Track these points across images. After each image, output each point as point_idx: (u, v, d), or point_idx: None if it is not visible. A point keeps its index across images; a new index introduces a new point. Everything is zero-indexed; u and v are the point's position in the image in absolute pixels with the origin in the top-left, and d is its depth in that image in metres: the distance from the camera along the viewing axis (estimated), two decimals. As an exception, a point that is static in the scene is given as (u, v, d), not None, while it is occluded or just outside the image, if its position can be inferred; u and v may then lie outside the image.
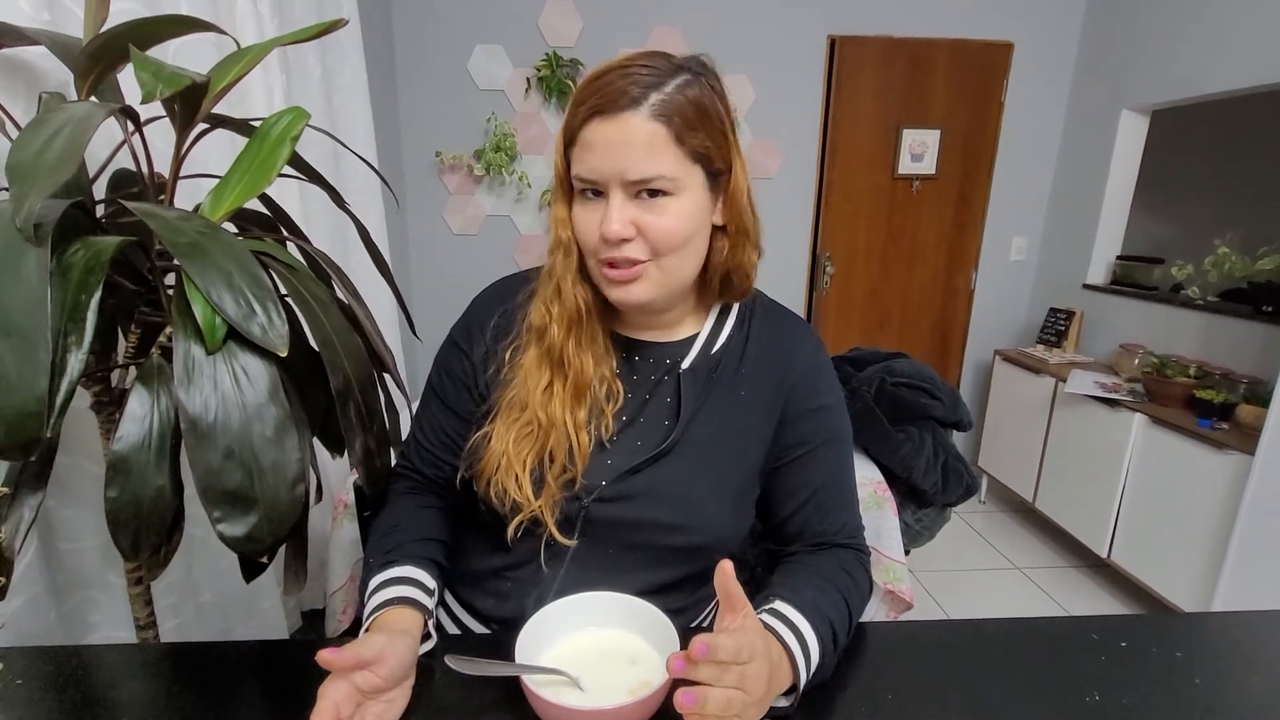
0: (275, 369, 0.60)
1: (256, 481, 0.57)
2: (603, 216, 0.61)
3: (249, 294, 0.58)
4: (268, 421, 0.58)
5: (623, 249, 0.61)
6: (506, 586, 0.71)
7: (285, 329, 0.59)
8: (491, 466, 0.66)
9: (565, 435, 0.65)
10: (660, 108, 0.58)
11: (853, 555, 0.69)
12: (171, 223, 0.59)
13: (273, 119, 0.71)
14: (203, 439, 0.55)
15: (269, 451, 0.58)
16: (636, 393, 0.70)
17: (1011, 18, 2.81)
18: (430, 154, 2.76)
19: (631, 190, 0.60)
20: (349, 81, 1.98)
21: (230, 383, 0.57)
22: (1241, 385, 2.03)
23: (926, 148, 2.86)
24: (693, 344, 0.71)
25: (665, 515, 0.66)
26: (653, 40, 2.71)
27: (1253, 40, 2.14)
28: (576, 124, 0.60)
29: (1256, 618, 0.74)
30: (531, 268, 0.77)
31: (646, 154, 0.58)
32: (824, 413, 0.70)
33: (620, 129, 0.58)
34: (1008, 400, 2.83)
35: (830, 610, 0.60)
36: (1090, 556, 2.44)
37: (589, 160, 0.60)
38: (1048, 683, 0.62)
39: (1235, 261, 2.18)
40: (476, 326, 0.73)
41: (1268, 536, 1.72)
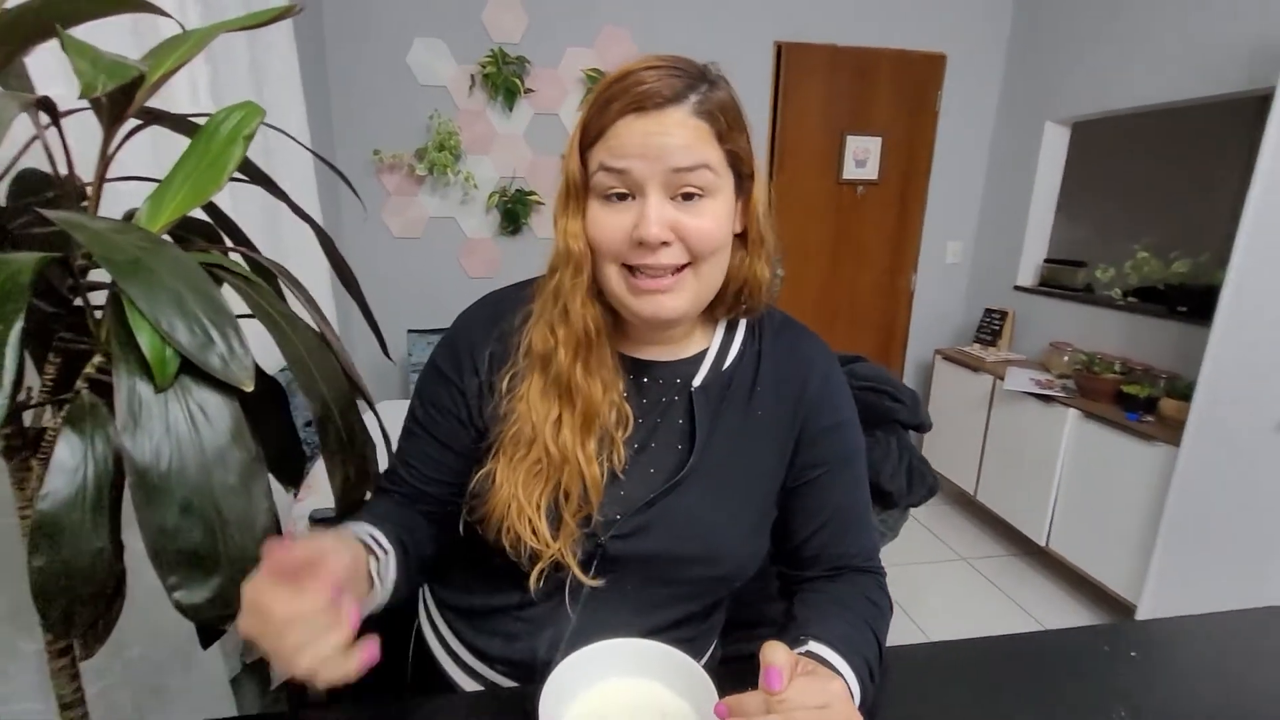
0: (237, 405, 0.52)
1: (220, 538, 0.49)
2: (636, 219, 0.56)
3: (205, 319, 0.50)
4: (231, 467, 0.50)
5: (659, 254, 0.56)
6: (517, 627, 0.65)
7: (249, 359, 0.51)
8: (501, 511, 0.59)
9: (578, 470, 0.60)
10: (703, 104, 0.56)
11: (873, 580, 0.67)
12: (105, 236, 0.50)
13: (221, 115, 0.62)
14: (154, 492, 0.46)
15: (234, 502, 0.50)
16: (647, 417, 0.65)
17: (945, 31, 2.93)
18: (367, 152, 2.60)
19: (672, 188, 0.56)
20: (279, 72, 1.84)
21: (185, 424, 0.48)
22: (1162, 380, 2.18)
23: (869, 154, 2.94)
24: (703, 360, 0.66)
25: (685, 547, 0.62)
26: (600, 41, 2.66)
27: (1162, 59, 2.31)
28: (607, 121, 0.55)
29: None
30: (520, 282, 0.70)
31: (691, 144, 0.55)
32: (841, 430, 0.67)
33: (661, 124, 0.54)
34: (949, 397, 2.94)
35: (864, 647, 0.58)
36: (1029, 545, 2.57)
37: (625, 155, 0.55)
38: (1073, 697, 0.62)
39: (1153, 265, 2.35)
40: (467, 354, 0.66)
41: (1193, 523, 1.85)
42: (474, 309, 0.70)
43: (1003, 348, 2.95)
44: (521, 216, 2.74)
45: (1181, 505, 1.87)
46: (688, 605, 0.66)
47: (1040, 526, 2.43)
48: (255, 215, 1.59)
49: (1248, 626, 0.75)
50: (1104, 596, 2.25)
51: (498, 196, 2.71)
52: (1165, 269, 2.35)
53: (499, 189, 2.72)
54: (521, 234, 2.80)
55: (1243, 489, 1.72)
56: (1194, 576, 1.85)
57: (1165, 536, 1.92)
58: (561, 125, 2.72)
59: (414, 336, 2.64)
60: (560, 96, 2.69)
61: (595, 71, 2.64)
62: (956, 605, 2.29)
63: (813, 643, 0.55)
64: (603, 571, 0.62)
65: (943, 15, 2.91)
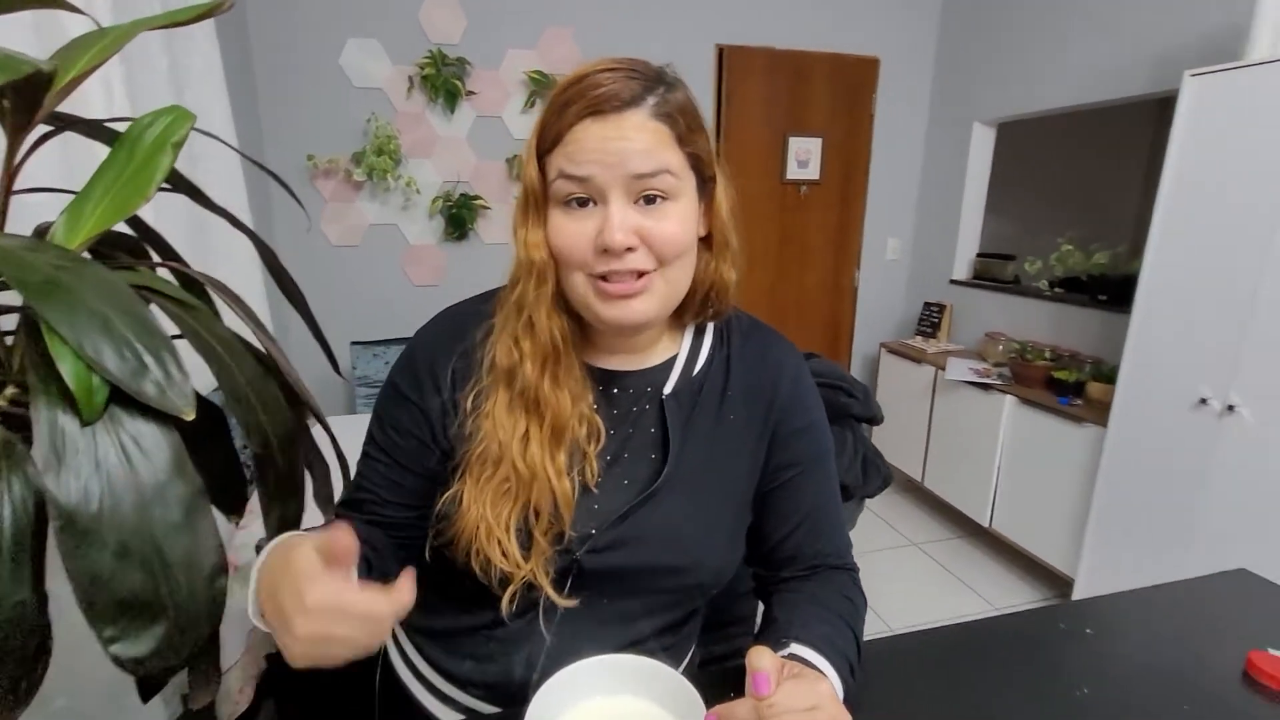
0: (177, 435, 0.47)
1: (163, 582, 0.45)
2: (600, 226, 0.54)
3: (135, 342, 0.46)
4: (173, 503, 0.46)
5: (626, 260, 0.55)
6: (490, 648, 0.63)
7: (188, 385, 0.47)
8: (469, 533, 0.57)
9: (548, 486, 0.58)
10: (662, 106, 0.54)
11: (848, 577, 0.67)
12: (14, 254, 0.45)
13: (145, 121, 0.58)
14: (84, 537, 0.42)
15: (177, 541, 0.46)
16: (618, 427, 0.64)
17: (877, 35, 3.03)
18: (300, 157, 2.48)
19: (633, 193, 0.55)
20: (202, 73, 1.73)
21: (118, 459, 0.44)
22: (1088, 365, 2.32)
23: (811, 154, 3.01)
24: (672, 367, 0.65)
25: (662, 558, 0.61)
26: (542, 42, 2.63)
27: (1076, 65, 2.46)
28: (564, 125, 0.54)
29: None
30: (479, 295, 0.68)
31: (651, 151, 0.54)
32: (812, 430, 0.67)
33: (620, 127, 0.53)
34: (894, 389, 3.05)
35: (845, 645, 0.58)
36: (974, 527, 2.69)
37: (584, 161, 0.53)
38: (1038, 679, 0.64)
39: (1075, 257, 2.49)
40: (427, 373, 0.63)
41: (1121, 497, 1.97)
42: (432, 326, 0.67)
43: (942, 339, 3.08)
44: (467, 222, 2.67)
45: (1111, 482, 2.00)
46: (665, 615, 0.65)
47: (983, 509, 2.54)
48: (179, 226, 1.49)
49: (1193, 594, 0.80)
50: (1044, 572, 2.38)
51: (441, 201, 2.64)
52: (1087, 260, 2.50)
53: (442, 194, 2.65)
54: (468, 240, 2.74)
55: (1165, 464, 1.84)
56: (1125, 548, 1.97)
57: (1097, 512, 2.04)
58: (505, 128, 2.67)
59: (358, 349, 2.54)
60: (503, 99, 2.64)
61: (538, 74, 2.61)
62: (910, 590, 2.37)
63: (795, 645, 0.55)
64: (578, 586, 0.60)
65: (874, 20, 3.01)
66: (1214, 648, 0.69)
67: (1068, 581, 2.20)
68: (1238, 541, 1.67)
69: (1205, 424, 1.72)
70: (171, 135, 0.58)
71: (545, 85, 2.62)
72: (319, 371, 2.51)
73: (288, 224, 2.52)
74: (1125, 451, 1.95)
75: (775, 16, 2.87)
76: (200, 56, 1.71)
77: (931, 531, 2.79)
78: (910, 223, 3.36)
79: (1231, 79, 1.65)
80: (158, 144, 0.57)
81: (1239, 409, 1.64)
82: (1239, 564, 0.96)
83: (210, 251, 1.69)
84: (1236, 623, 0.74)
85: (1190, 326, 1.76)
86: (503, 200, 2.74)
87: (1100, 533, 2.04)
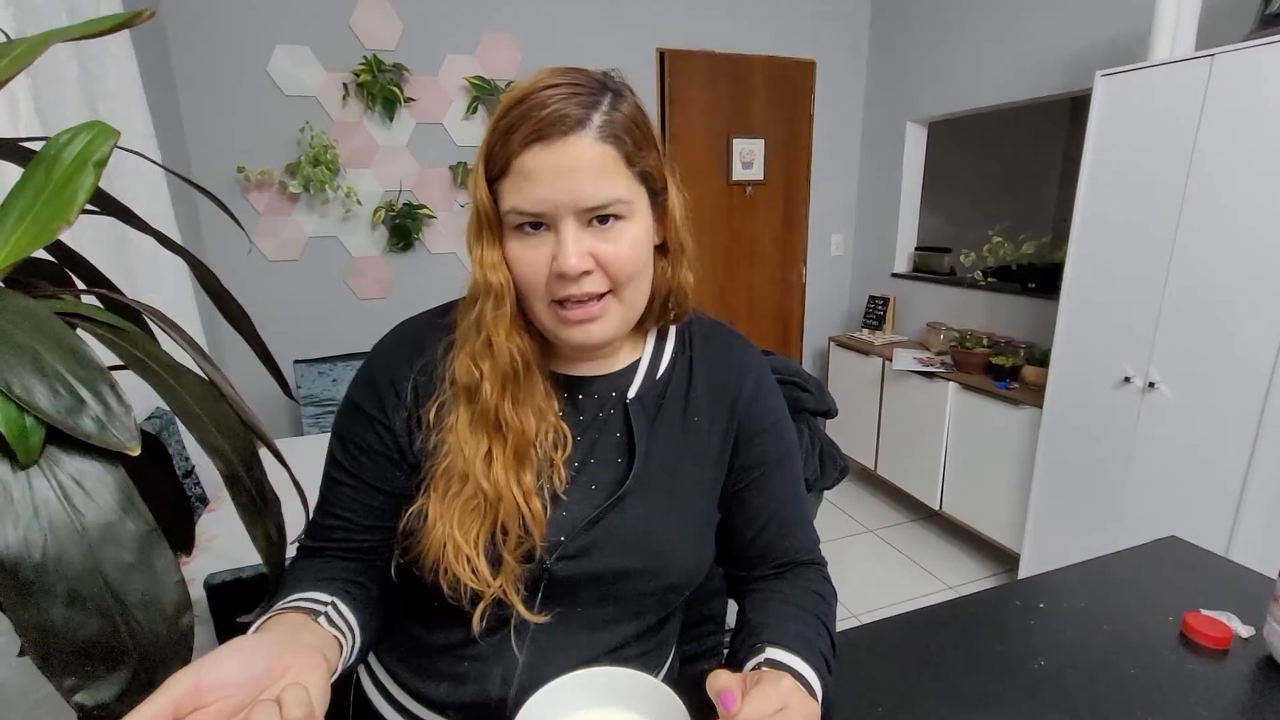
0: (123, 471, 0.45)
1: (122, 625, 0.42)
2: (553, 251, 0.54)
3: (70, 378, 0.43)
4: (125, 543, 0.43)
5: (582, 284, 0.55)
6: (464, 667, 0.61)
7: (131, 418, 0.44)
8: (436, 551, 0.56)
9: (514, 506, 0.57)
10: (607, 128, 0.53)
11: (817, 572, 0.69)
12: (-75, 287, 0.42)
13: (63, 138, 0.54)
14: (29, 589, 0.39)
15: (135, 581, 0.43)
16: (585, 434, 0.64)
17: (812, 38, 3.12)
18: (229, 170, 2.37)
19: (584, 218, 0.54)
20: (117, 85, 1.63)
21: (60, 503, 0.41)
22: (1022, 349, 2.45)
23: (754, 155, 3.08)
24: (635, 371, 0.65)
25: (632, 562, 0.60)
26: (482, 48, 2.60)
27: (997, 66, 2.59)
28: (510, 153, 0.52)
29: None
30: (438, 308, 0.66)
31: (599, 178, 0.53)
32: (776, 429, 0.68)
33: (567, 154, 0.52)
34: (845, 380, 3.14)
35: (818, 642, 0.59)
36: (925, 510, 2.79)
37: (533, 191, 0.52)
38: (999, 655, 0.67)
39: (1005, 248, 2.63)
40: (389, 388, 0.61)
41: (1059, 473, 2.09)
42: (390, 340, 0.65)
43: (888, 331, 3.19)
44: (412, 232, 2.61)
45: (1048, 459, 2.11)
46: (640, 620, 0.65)
47: (933, 492, 2.64)
48: (96, 248, 1.40)
49: (1131, 564, 0.85)
50: (993, 550, 2.50)
51: (384, 212, 2.57)
52: (1016, 251, 2.64)
53: (384, 204, 2.57)
54: (414, 250, 2.67)
55: (1096, 439, 1.96)
56: (1064, 521, 2.09)
57: (1038, 488, 2.15)
58: (447, 135, 2.62)
59: (302, 367, 2.44)
60: (444, 105, 2.59)
61: (479, 79, 2.57)
62: (870, 575, 2.45)
63: (770, 649, 0.56)
64: (550, 596, 0.60)
65: (809, 24, 3.10)
66: (1153, 612, 0.74)
67: (1014, 557, 2.32)
68: (1163, 508, 1.79)
69: (1130, 400, 1.85)
70: (93, 153, 0.54)
71: (487, 91, 2.58)
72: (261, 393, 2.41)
73: (219, 240, 2.40)
74: (1060, 430, 2.07)
75: (714, 21, 2.91)
76: (115, 68, 1.62)
77: (886, 517, 2.89)
78: (852, 219, 3.47)
79: (1137, 78, 1.77)
80: (78, 163, 0.53)
81: (1159, 385, 1.77)
82: (1165, 529, 1.04)
83: (134, 274, 1.60)
84: (1171, 587, 0.79)
85: (1112, 310, 1.88)
86: (448, 208, 2.69)
87: (1041, 508, 2.16)
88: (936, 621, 0.75)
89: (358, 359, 2.52)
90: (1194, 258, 1.67)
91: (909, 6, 2.99)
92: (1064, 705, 0.60)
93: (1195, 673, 0.64)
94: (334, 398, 2.48)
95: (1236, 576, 0.81)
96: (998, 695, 0.62)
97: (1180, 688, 0.62)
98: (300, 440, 2.13)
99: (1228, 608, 0.72)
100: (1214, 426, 1.66)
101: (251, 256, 2.46)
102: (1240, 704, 0.60)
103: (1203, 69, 1.61)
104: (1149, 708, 0.60)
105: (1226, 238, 1.60)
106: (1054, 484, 2.11)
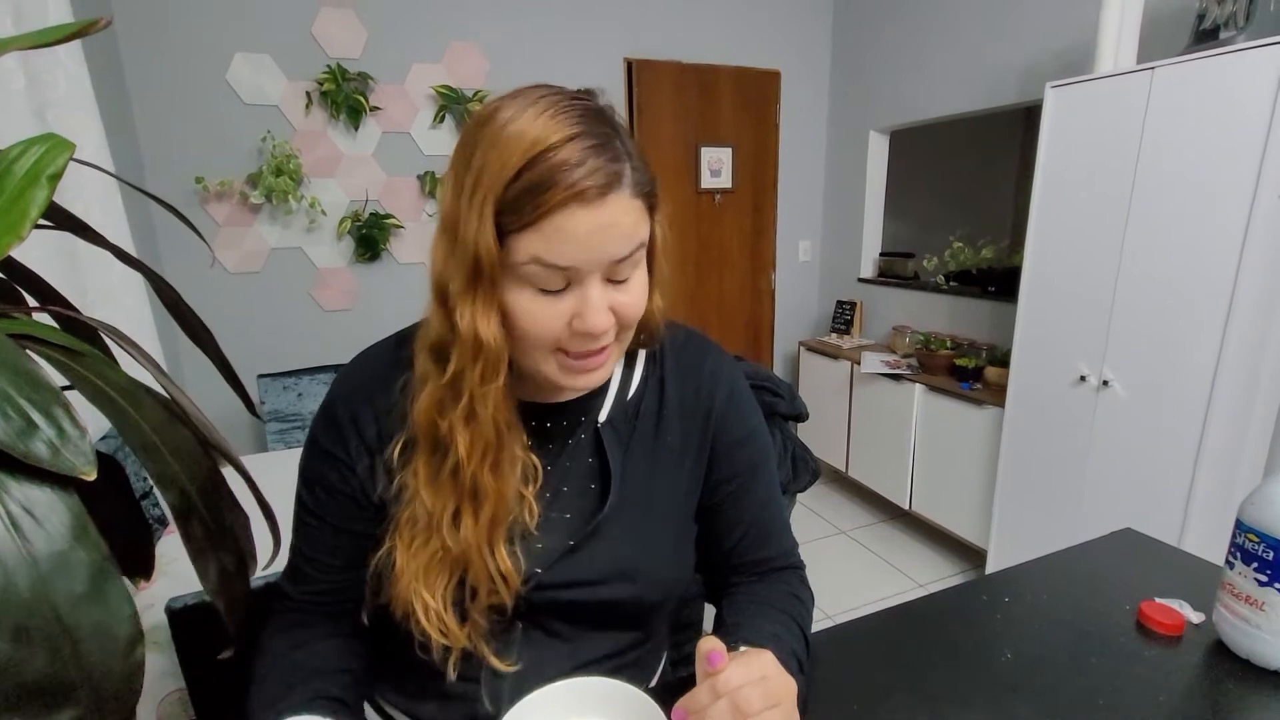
0: (76, 498, 0.43)
1: (71, 659, 0.41)
2: (574, 309, 0.52)
3: (20, 399, 0.41)
4: (76, 573, 0.42)
5: (600, 339, 0.53)
6: (451, 686, 0.61)
7: (86, 442, 0.43)
8: (405, 603, 0.55)
9: (484, 566, 0.56)
10: (636, 178, 0.51)
11: (795, 576, 0.69)
12: None
13: (13, 151, 0.52)
14: (-29, 624, 0.37)
15: (86, 613, 0.41)
16: (555, 462, 0.63)
17: (777, 49, 3.18)
18: (187, 181, 2.31)
19: (610, 273, 0.52)
20: (67, 94, 1.58)
21: (7, 533, 0.40)
22: (984, 351, 2.52)
23: (723, 164, 3.11)
24: (605, 394, 0.64)
25: (610, 589, 0.60)
26: (449, 56, 2.58)
27: (954, 77, 2.68)
28: (542, 211, 0.48)
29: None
30: (392, 337, 0.64)
31: (634, 233, 0.52)
32: (751, 440, 0.68)
33: (606, 213, 0.49)
34: (815, 384, 3.18)
35: (792, 642, 0.60)
36: (896, 510, 2.85)
37: (566, 248, 0.49)
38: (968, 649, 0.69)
39: (966, 253, 2.70)
40: (350, 426, 0.60)
41: (1021, 470, 2.15)
42: (349, 376, 0.63)
43: (855, 335, 3.25)
44: (380, 242, 2.57)
45: (1011, 457, 2.17)
46: (626, 636, 0.65)
47: (903, 492, 2.70)
48: (51, 263, 1.35)
49: (1089, 556, 0.88)
50: (961, 546, 2.55)
51: (350, 222, 2.53)
52: (976, 256, 2.72)
53: (350, 214, 2.53)
54: (381, 260, 2.64)
55: (1055, 437, 2.03)
56: (1027, 516, 2.15)
57: (1002, 485, 2.21)
58: (414, 144, 2.60)
59: (266, 382, 2.38)
60: (410, 114, 2.57)
61: (446, 88, 2.56)
62: (843, 576, 2.48)
63: (744, 646, 0.56)
64: (530, 620, 0.60)
65: (773, 35, 3.16)
66: (1111, 602, 0.77)
67: (981, 553, 2.38)
68: (1120, 500, 1.86)
69: (1086, 399, 1.91)
70: (46, 167, 0.52)
71: (454, 100, 2.57)
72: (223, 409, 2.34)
73: (177, 253, 2.34)
74: (1021, 428, 2.13)
75: (679, 31, 2.95)
76: (65, 77, 1.56)
77: (858, 518, 2.93)
78: (819, 226, 3.54)
79: (1084, 89, 1.85)
80: (30, 177, 0.52)
81: (1112, 383, 1.84)
82: (1123, 521, 1.07)
83: (87, 290, 1.54)
84: (1127, 577, 0.82)
85: (1066, 312, 1.95)
86: (416, 218, 2.66)
87: (1006, 505, 2.22)
88: (906, 619, 0.76)
89: (324, 372, 2.47)
90: (1141, 261, 1.74)
91: (869, 20, 3.07)
92: (1031, 695, 0.62)
93: (1151, 659, 0.67)
94: (299, 412, 2.42)
95: (1187, 565, 0.85)
96: (968, 688, 0.63)
97: (1138, 673, 0.65)
98: (266, 456, 2.08)
99: (1180, 595, 0.75)
100: (1164, 422, 1.73)
101: (213, 270, 2.40)
102: (1193, 687, 0.63)
103: (1144, 81, 1.69)
104: (1110, 694, 0.62)
105: (1170, 242, 1.67)
106: (1017, 481, 2.17)
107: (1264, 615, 0.63)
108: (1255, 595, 0.64)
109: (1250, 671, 0.65)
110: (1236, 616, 0.66)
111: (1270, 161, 1.47)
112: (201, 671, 0.94)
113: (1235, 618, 0.66)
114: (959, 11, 2.62)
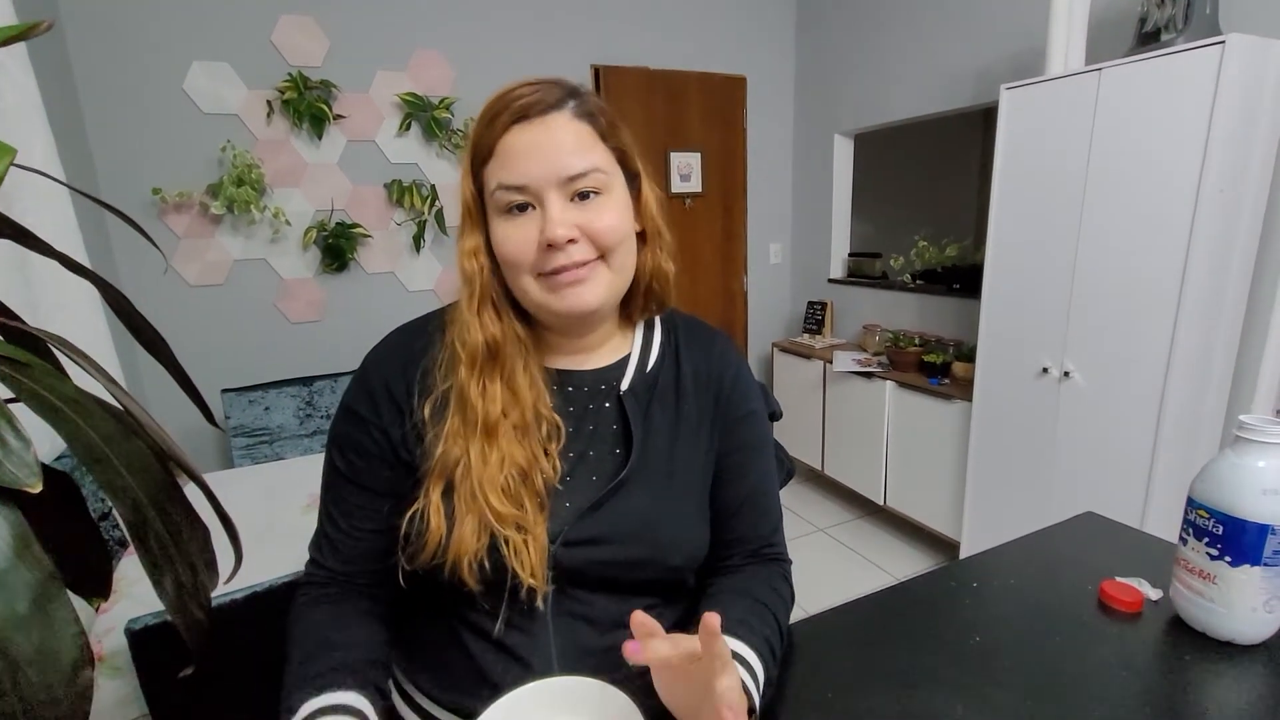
0: (18, 514, 0.42)
1: (11, 684, 0.39)
2: (541, 226, 0.58)
3: (-43, 411, 0.40)
4: (19, 591, 0.40)
5: (570, 252, 0.58)
6: (490, 664, 0.62)
7: (31, 454, 0.42)
8: (437, 551, 0.58)
9: (510, 510, 0.59)
10: (582, 106, 0.59)
11: (779, 570, 0.71)
12: None
13: (-51, 157, 0.50)
14: (-96, 647, 0.35)
15: (28, 635, 0.40)
16: (579, 425, 0.66)
17: (742, 55, 3.22)
18: (144, 192, 2.25)
19: (568, 191, 0.58)
20: (13, 102, 1.53)
21: (-57, 549, 0.38)
22: (951, 347, 2.57)
23: (692, 168, 3.14)
24: (626, 365, 0.69)
25: (635, 548, 0.62)
26: (414, 64, 2.56)
27: (913, 81, 2.74)
28: (495, 135, 0.58)
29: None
30: (429, 313, 0.69)
31: (578, 149, 0.58)
32: (752, 419, 0.72)
33: (547, 130, 0.57)
34: (789, 384, 3.22)
35: (762, 627, 0.61)
36: (871, 506, 2.88)
37: (517, 166, 0.57)
38: (939, 635, 0.70)
39: (931, 252, 2.76)
40: (383, 391, 0.64)
41: (990, 462, 2.20)
42: (383, 346, 0.68)
43: (827, 334, 3.30)
44: (347, 252, 2.53)
45: (980, 450, 2.22)
46: (646, 599, 0.66)
47: (877, 488, 2.74)
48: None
49: (1052, 539, 0.91)
50: (934, 539, 2.60)
51: (315, 232, 2.49)
52: (940, 255, 2.78)
53: (316, 224, 2.49)
54: (349, 270, 2.59)
55: (1021, 428, 2.08)
56: (998, 505, 2.20)
57: (972, 477, 2.26)
58: (380, 152, 2.57)
59: (231, 396, 2.32)
60: (375, 122, 2.54)
61: (412, 96, 2.54)
62: (821, 573, 2.50)
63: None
64: (556, 582, 0.61)
65: (738, 42, 3.20)
66: (1074, 582, 0.79)
67: (955, 545, 2.42)
68: (1086, 487, 1.91)
69: (1049, 390, 1.97)
70: (-15, 173, 0.51)
71: (420, 108, 2.55)
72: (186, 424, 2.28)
73: (134, 265, 2.27)
74: (989, 421, 2.18)
75: (646, 38, 2.97)
76: (11, 85, 1.51)
77: (834, 515, 2.96)
78: (789, 228, 3.58)
79: (1036, 91, 1.91)
80: (-32, 184, 0.50)
81: (1073, 374, 1.89)
82: (1088, 504, 1.10)
83: (38, 303, 1.49)
84: (1089, 558, 0.84)
85: (1027, 307, 2.01)
86: (383, 227, 2.62)
87: (976, 496, 2.27)
88: (879, 608, 0.77)
89: (292, 385, 2.41)
90: (1095, 256, 1.80)
91: (830, 26, 3.13)
92: (1000, 675, 0.63)
93: (1112, 635, 0.69)
94: (266, 427, 2.36)
95: (1146, 545, 0.87)
96: (940, 671, 0.64)
97: (1100, 650, 0.66)
98: (231, 473, 2.02)
99: (1139, 574, 0.77)
100: (1124, 409, 1.78)
101: (173, 282, 2.34)
102: (1152, 661, 0.65)
103: (1093, 81, 1.75)
104: (1075, 671, 0.63)
105: (1122, 235, 1.73)
106: (987, 472, 2.22)
107: (1216, 588, 0.65)
108: (1207, 569, 0.66)
109: (1206, 643, 0.67)
110: (1191, 591, 0.68)
111: (1212, 156, 1.53)
112: (163, 694, 0.91)
113: (1190, 592, 0.68)
114: (917, 17, 2.68)
